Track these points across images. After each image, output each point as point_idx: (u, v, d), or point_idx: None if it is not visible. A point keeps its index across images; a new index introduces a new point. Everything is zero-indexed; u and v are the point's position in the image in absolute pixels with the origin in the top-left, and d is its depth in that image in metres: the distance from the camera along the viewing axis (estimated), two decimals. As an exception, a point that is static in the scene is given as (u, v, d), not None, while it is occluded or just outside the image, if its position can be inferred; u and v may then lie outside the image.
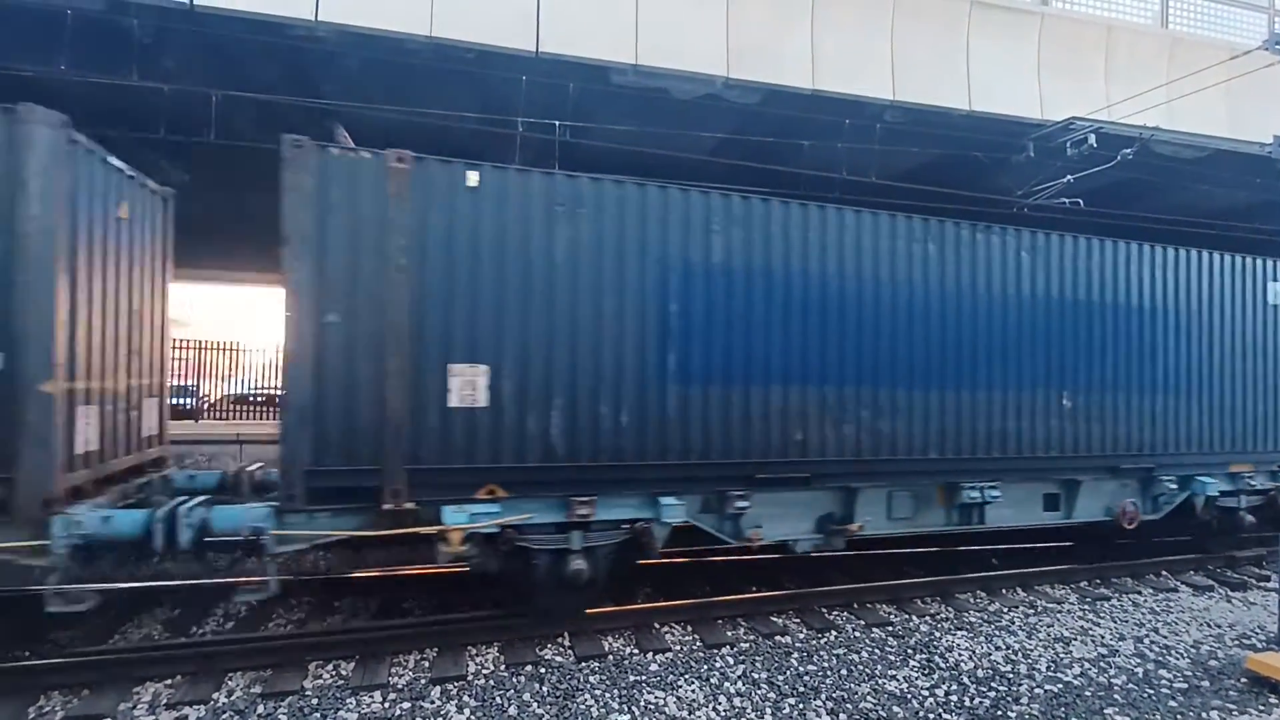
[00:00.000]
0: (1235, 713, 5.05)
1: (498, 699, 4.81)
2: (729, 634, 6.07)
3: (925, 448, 6.73)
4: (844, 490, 6.53)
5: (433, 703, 4.75)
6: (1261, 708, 5.12)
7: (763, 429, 6.13)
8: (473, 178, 5.33)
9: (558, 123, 8.07)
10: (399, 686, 4.94)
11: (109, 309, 5.46)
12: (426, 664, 5.32)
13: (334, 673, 5.13)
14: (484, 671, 5.23)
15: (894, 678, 5.37)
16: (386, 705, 4.69)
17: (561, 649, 5.67)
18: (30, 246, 4.53)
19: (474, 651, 5.55)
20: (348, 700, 4.72)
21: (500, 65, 7.98)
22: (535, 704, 4.76)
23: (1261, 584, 8.05)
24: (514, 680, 5.09)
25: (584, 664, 5.41)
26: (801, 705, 4.89)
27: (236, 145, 7.71)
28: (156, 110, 7.40)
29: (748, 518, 6.12)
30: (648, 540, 5.83)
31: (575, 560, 5.53)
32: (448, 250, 5.29)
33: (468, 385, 5.30)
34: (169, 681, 4.89)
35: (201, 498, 5.25)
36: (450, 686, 4.97)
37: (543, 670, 5.26)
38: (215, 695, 4.73)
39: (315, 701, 4.68)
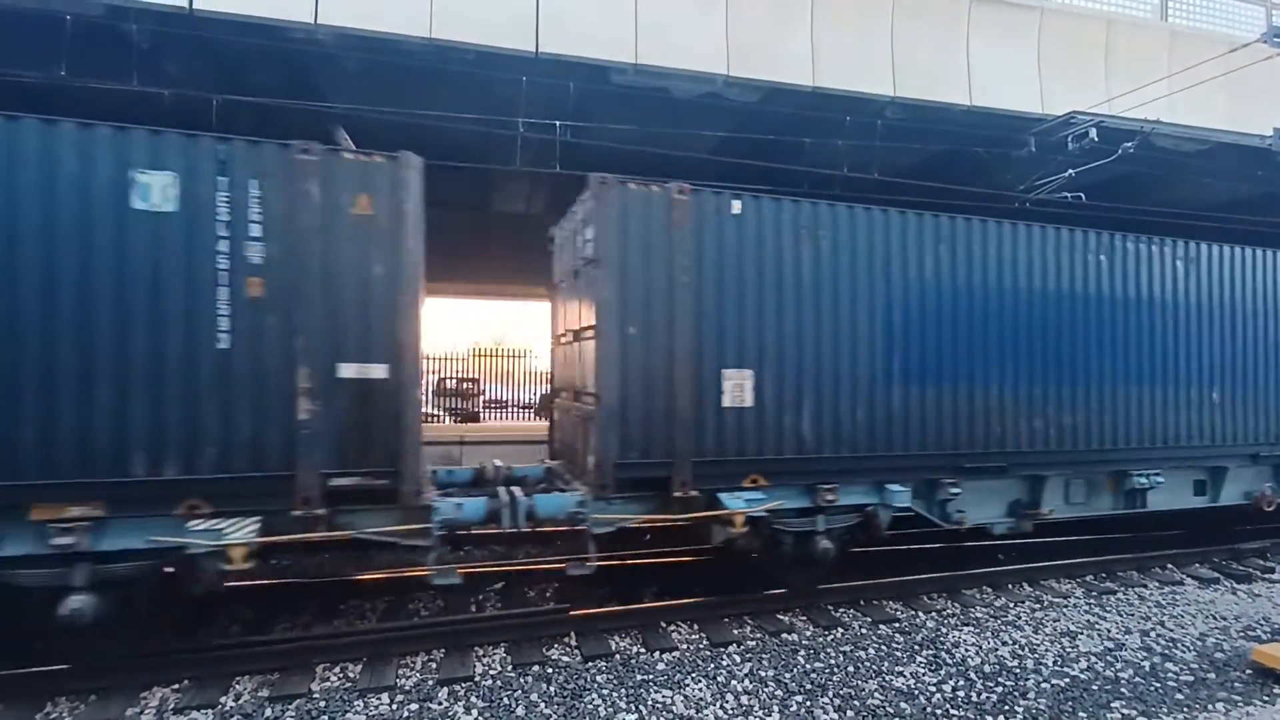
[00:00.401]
0: (1240, 704, 5.04)
1: (505, 699, 4.81)
2: (735, 632, 6.07)
3: (1101, 439, 7.42)
4: (1032, 478, 7.25)
5: (440, 704, 4.75)
6: (1266, 699, 5.12)
7: (968, 423, 6.82)
8: (736, 206, 6.07)
9: (558, 123, 8.07)
10: (406, 688, 4.94)
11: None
12: (434, 665, 5.33)
13: (341, 675, 5.13)
14: (491, 672, 5.24)
15: (901, 674, 5.37)
16: (394, 707, 4.69)
17: (568, 649, 5.67)
18: (407, 272, 5.24)
19: (481, 652, 5.55)
20: (355, 703, 4.72)
21: (500, 66, 7.98)
22: (543, 704, 4.76)
23: (1266, 576, 8.05)
24: (521, 680, 5.09)
25: (590, 663, 5.41)
26: (809, 702, 4.89)
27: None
28: (157, 115, 7.40)
29: (954, 503, 6.79)
30: (875, 523, 6.53)
31: (822, 540, 6.26)
32: (719, 269, 6.00)
33: (737, 388, 6.05)
34: (176, 686, 4.89)
35: (515, 487, 6.03)
36: (458, 687, 4.97)
37: (549, 670, 5.26)
38: (223, 699, 4.74)
39: (323, 704, 4.68)
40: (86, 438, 4.55)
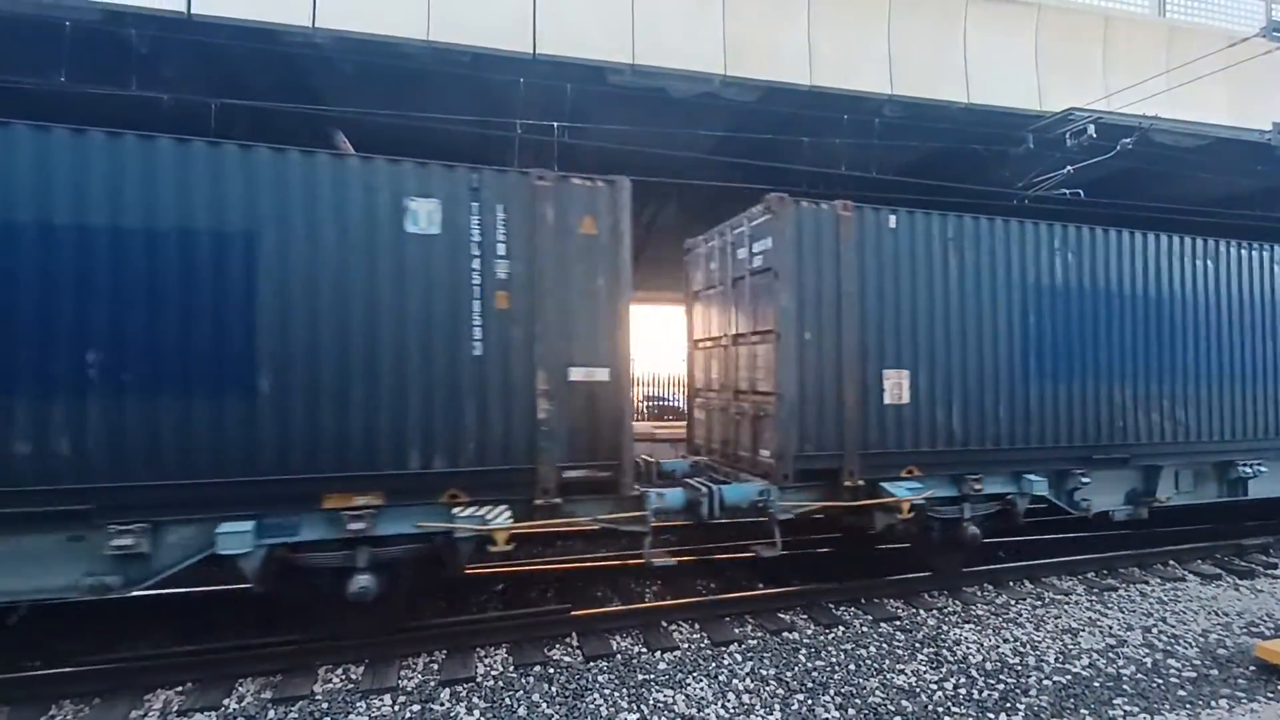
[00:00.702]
0: (1244, 700, 5.03)
1: (507, 700, 4.82)
2: (736, 631, 6.07)
3: (1210, 433, 8.03)
4: (1148, 468, 7.78)
5: (442, 705, 4.76)
6: (1270, 695, 5.10)
7: (1094, 417, 7.42)
8: (892, 220, 6.70)
9: (556, 124, 8.08)
10: (408, 689, 4.95)
11: None
12: (435, 666, 5.34)
13: (344, 676, 5.14)
14: (493, 672, 5.25)
15: (902, 672, 5.37)
16: (396, 708, 4.70)
17: (569, 649, 5.68)
18: (623, 285, 5.88)
19: (482, 653, 5.56)
20: (358, 704, 4.73)
21: (497, 68, 8.00)
22: (544, 704, 4.77)
23: (1269, 571, 8.03)
24: (523, 681, 5.10)
25: (592, 663, 5.42)
26: (810, 701, 4.90)
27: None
28: (156, 120, 7.43)
29: (1082, 491, 7.34)
30: (1013, 511, 7.09)
31: (969, 527, 6.86)
32: (878, 278, 6.63)
33: (895, 386, 6.66)
34: (179, 688, 4.91)
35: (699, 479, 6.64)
36: (460, 688, 4.98)
37: (551, 670, 5.27)
38: (226, 701, 4.75)
39: (325, 706, 4.69)
40: (371, 435, 5.19)
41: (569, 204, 5.70)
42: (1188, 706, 4.94)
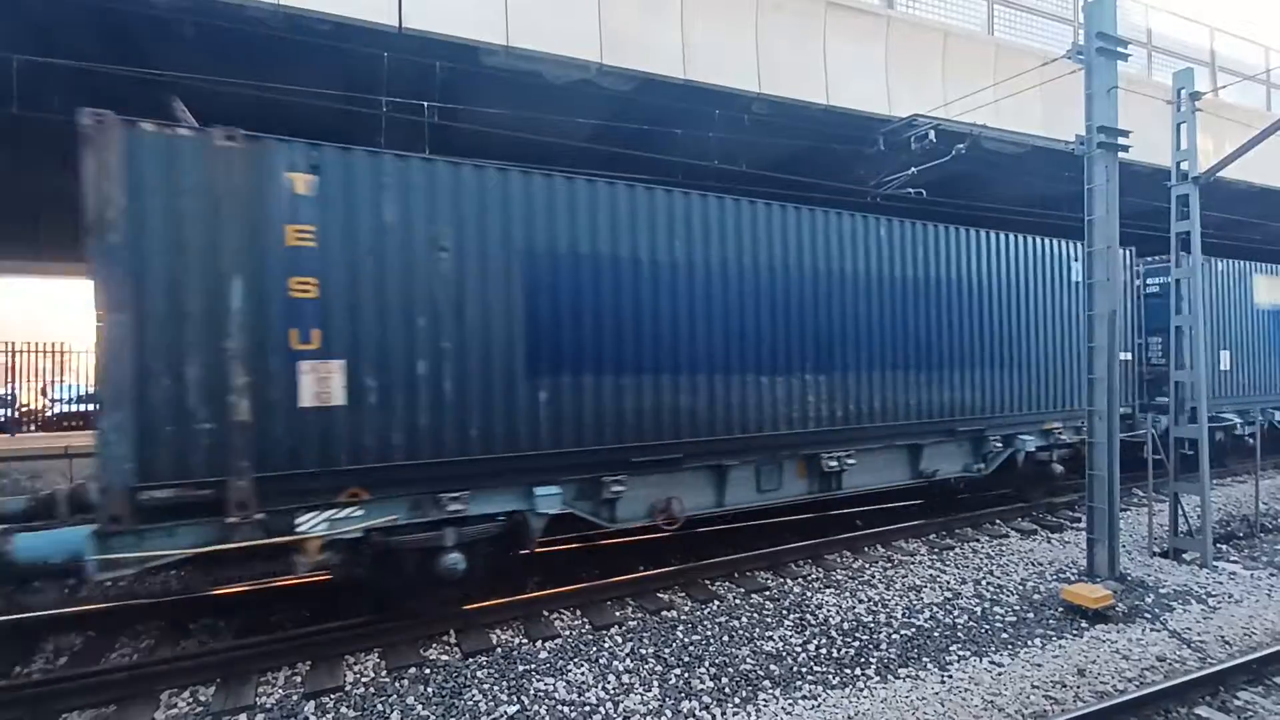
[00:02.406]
0: (1054, 638, 5.79)
1: (379, 706, 4.63)
2: (617, 614, 6.19)
3: None
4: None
5: (307, 718, 4.49)
6: (1075, 633, 5.90)
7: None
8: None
9: (426, 104, 7.72)
10: (268, 706, 4.62)
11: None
12: (299, 679, 5.02)
13: (191, 700, 4.72)
14: (363, 680, 5.02)
15: (770, 638, 5.72)
16: (254, 727, 4.39)
17: (446, 647, 5.55)
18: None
19: (352, 660, 5.30)
20: (209, 727, 4.37)
21: (360, 40, 7.51)
22: (420, 706, 4.63)
23: (1074, 525, 9.29)
24: (396, 685, 4.92)
25: (471, 659, 5.32)
26: (686, 674, 5.10)
27: (50, 120, 6.74)
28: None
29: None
30: (1232, 432, 12.19)
31: (1220, 436, 11.50)
32: (1207, 301, 10.78)
33: (1222, 359, 12.03)
34: (-15, 732, 4.31)
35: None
36: (326, 700, 4.72)
37: (427, 671, 5.12)
38: (45, 741, 4.23)
39: (169, 733, 4.30)
40: (1037, 393, 9.34)
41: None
42: (1010, 647, 5.62)
